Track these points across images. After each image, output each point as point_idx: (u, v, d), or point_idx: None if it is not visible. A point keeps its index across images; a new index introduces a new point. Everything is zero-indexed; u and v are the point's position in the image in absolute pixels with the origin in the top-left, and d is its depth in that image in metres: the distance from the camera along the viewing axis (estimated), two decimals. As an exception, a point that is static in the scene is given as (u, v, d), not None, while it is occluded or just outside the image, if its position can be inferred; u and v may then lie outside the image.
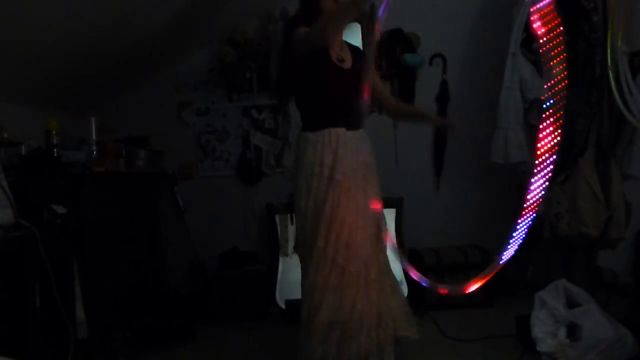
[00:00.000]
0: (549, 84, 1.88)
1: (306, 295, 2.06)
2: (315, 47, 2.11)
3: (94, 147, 2.69)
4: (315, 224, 2.07)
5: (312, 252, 2.05)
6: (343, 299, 2.02)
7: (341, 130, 2.15)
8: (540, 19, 1.82)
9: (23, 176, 2.00)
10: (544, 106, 1.85)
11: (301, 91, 2.27)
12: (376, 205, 2.18)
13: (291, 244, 3.39)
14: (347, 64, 2.20)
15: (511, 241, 1.81)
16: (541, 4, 1.84)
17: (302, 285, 2.12)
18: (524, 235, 1.80)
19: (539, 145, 1.78)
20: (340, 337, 1.99)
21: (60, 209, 1.99)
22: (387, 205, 3.31)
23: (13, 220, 1.74)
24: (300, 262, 2.17)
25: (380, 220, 2.24)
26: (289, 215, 3.32)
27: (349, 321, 2.00)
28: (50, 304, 1.89)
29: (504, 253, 1.83)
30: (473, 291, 3.27)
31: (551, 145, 1.77)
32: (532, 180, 1.77)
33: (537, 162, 1.77)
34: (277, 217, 3.41)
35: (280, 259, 3.41)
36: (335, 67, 2.16)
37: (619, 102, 2.47)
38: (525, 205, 1.77)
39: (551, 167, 1.78)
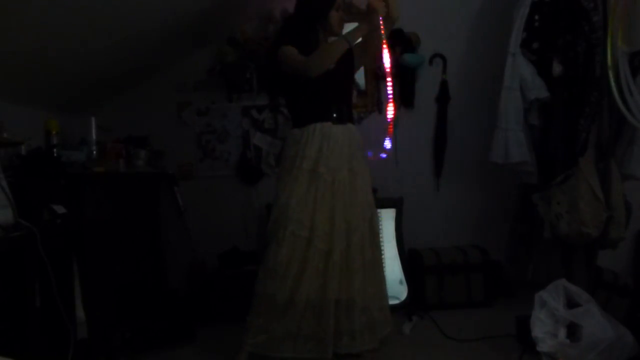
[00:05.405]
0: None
1: (278, 279, 2.21)
2: (303, 75, 2.19)
3: (94, 147, 2.70)
4: (297, 216, 2.17)
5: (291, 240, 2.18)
6: (324, 285, 2.17)
7: (327, 125, 2.24)
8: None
9: (23, 176, 2.00)
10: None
11: (289, 92, 2.40)
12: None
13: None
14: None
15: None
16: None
17: (266, 265, 2.27)
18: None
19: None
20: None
21: (60, 209, 1.99)
22: (387, 205, 3.35)
23: (13, 220, 1.74)
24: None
25: (372, 215, 2.37)
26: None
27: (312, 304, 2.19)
28: (50, 304, 1.89)
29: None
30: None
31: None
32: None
33: None
34: (277, 217, 3.40)
35: (280, 259, 3.40)
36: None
37: (619, 102, 2.47)
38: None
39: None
